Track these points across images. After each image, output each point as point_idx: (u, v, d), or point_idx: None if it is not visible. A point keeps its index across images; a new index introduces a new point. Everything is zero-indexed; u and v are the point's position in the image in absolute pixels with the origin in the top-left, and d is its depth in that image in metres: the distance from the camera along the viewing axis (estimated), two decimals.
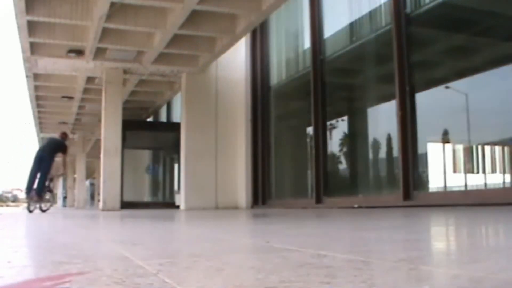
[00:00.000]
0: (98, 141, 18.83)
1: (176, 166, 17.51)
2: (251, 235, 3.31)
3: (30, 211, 10.73)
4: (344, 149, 10.30)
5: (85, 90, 15.45)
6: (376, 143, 9.14)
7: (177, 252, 2.20)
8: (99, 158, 14.59)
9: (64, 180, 38.74)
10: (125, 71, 12.90)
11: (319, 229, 3.72)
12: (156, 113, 19.98)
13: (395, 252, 1.84)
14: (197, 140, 12.52)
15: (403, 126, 7.67)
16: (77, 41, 11.12)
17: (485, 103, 6.87)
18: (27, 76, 13.97)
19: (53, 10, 9.72)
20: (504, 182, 6.72)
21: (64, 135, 12.10)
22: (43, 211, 11.03)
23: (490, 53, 7.20)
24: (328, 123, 10.11)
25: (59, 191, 46.18)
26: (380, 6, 8.82)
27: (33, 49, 11.58)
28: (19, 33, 10.61)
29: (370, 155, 9.44)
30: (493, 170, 6.98)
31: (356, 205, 8.34)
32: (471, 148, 7.26)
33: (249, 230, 3.86)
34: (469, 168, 7.25)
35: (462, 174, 7.28)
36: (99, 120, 14.55)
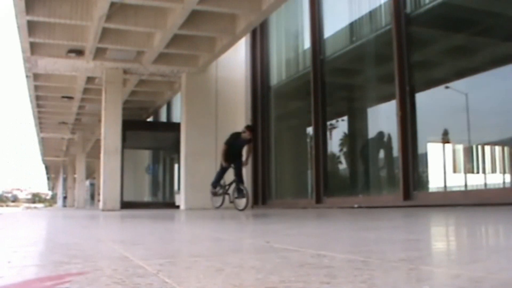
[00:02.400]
0: (98, 141, 18.83)
1: (176, 166, 17.52)
2: (251, 235, 3.31)
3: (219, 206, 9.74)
4: (344, 149, 10.30)
5: (85, 90, 15.46)
6: (376, 143, 9.14)
7: (177, 252, 2.20)
8: (99, 158, 14.59)
9: (65, 180, 38.78)
10: (125, 71, 12.91)
11: (319, 229, 3.72)
12: (156, 113, 19.98)
13: (395, 252, 1.84)
14: (197, 140, 12.52)
15: (403, 126, 7.67)
16: (77, 41, 11.12)
17: (485, 103, 6.86)
18: (27, 76, 13.97)
19: (53, 10, 9.72)
20: (504, 182, 6.72)
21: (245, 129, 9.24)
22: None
23: (490, 53, 7.19)
24: (328, 123, 10.11)
25: (59, 191, 46.23)
26: (380, 6, 8.81)
27: (33, 49, 11.58)
28: (19, 33, 10.61)
29: (370, 155, 9.43)
30: (493, 170, 6.98)
31: (356, 205, 8.34)
32: (471, 148, 7.26)
33: (249, 230, 3.86)
34: (469, 168, 7.24)
35: (462, 174, 7.28)
36: (99, 120, 14.56)
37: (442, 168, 7.61)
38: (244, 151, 9.27)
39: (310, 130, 10.50)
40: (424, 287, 1.13)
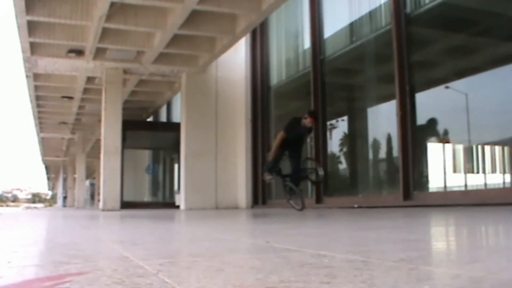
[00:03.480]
0: (98, 141, 18.84)
1: (176, 166, 17.52)
2: (251, 235, 3.31)
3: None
4: (344, 149, 10.30)
5: (85, 90, 15.46)
6: (376, 143, 9.14)
7: (177, 252, 2.20)
8: (99, 158, 14.59)
9: (65, 180, 38.78)
10: (125, 71, 12.91)
11: (319, 229, 3.71)
12: (156, 113, 19.99)
13: (395, 252, 1.84)
14: (197, 140, 12.53)
15: (403, 126, 7.67)
16: (77, 41, 11.13)
17: (485, 103, 6.86)
18: (27, 76, 13.97)
19: (53, 10, 9.72)
20: (504, 182, 6.72)
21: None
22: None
23: (490, 53, 7.19)
24: (328, 123, 10.11)
25: (59, 191, 46.23)
26: (380, 6, 8.81)
27: (33, 49, 11.58)
28: (19, 33, 10.61)
29: (370, 155, 9.43)
30: (493, 170, 6.98)
31: (356, 205, 8.34)
32: (471, 148, 7.26)
33: (249, 230, 3.86)
34: (469, 168, 7.24)
35: (462, 174, 7.28)
36: (99, 120, 14.56)
37: (442, 168, 7.61)
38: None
39: None
40: (424, 287, 1.13)
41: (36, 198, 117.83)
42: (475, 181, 7.10)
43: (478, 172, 7.15)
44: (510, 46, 6.72)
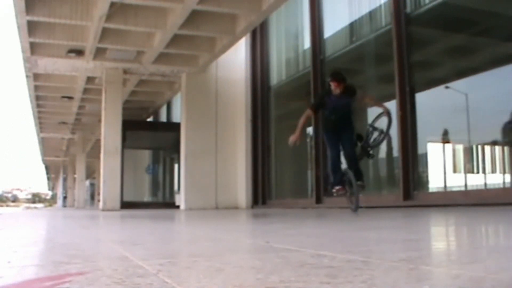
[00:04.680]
0: (98, 141, 18.84)
1: (176, 166, 17.53)
2: (251, 235, 3.31)
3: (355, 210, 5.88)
4: None
5: (85, 90, 15.46)
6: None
7: (177, 252, 2.20)
8: (99, 158, 14.59)
9: (65, 180, 38.79)
10: (125, 71, 12.91)
11: (319, 229, 3.71)
12: (156, 113, 19.99)
13: (395, 252, 1.84)
14: (197, 140, 12.53)
15: (403, 126, 7.67)
16: (77, 41, 11.13)
17: (485, 103, 6.86)
18: (27, 76, 13.97)
19: (53, 10, 9.73)
20: (504, 182, 6.72)
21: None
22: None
23: (490, 53, 7.19)
24: None
25: (59, 191, 46.23)
26: (380, 6, 8.81)
27: (33, 49, 11.59)
28: (19, 33, 10.62)
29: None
30: (493, 170, 6.98)
31: None
32: (471, 148, 7.26)
33: (249, 230, 3.86)
34: (469, 168, 7.24)
35: (462, 174, 7.28)
36: (99, 120, 14.56)
37: (442, 168, 7.61)
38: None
39: (310, 130, 10.50)
40: (424, 287, 1.13)
41: (36, 198, 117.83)
42: (475, 181, 7.10)
43: (478, 172, 7.15)
44: (510, 46, 6.72)
